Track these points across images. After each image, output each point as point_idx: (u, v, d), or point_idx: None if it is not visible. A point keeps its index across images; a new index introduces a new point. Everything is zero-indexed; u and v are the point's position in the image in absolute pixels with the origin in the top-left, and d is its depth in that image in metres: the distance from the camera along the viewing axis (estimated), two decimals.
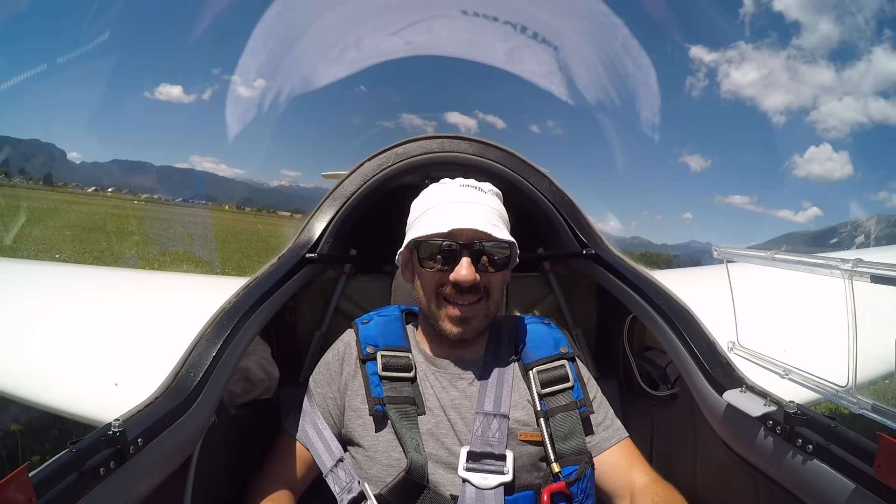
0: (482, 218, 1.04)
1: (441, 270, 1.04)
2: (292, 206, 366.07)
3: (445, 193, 1.11)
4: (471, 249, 1.03)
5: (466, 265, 1.02)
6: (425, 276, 1.07)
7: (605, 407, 1.14)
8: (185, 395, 0.85)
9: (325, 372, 1.15)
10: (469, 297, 1.05)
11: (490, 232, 1.01)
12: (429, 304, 1.08)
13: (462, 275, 1.01)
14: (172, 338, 1.07)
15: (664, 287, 1.21)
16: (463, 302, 1.05)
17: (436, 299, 1.07)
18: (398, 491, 0.97)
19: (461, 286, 1.02)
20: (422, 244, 1.05)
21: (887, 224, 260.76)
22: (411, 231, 1.09)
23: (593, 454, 1.06)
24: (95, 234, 15.95)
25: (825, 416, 0.80)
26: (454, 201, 1.08)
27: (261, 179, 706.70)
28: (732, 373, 0.99)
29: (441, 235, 1.02)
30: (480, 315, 1.07)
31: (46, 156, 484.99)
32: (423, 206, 1.10)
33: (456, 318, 1.05)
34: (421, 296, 1.10)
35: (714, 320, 1.13)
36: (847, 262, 0.89)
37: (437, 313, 1.07)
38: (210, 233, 23.92)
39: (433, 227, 1.03)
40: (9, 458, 2.44)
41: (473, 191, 1.11)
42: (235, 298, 1.08)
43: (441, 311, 1.06)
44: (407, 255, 1.13)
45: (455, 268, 1.02)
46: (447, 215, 1.04)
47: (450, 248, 1.03)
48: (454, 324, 1.05)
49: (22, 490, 0.52)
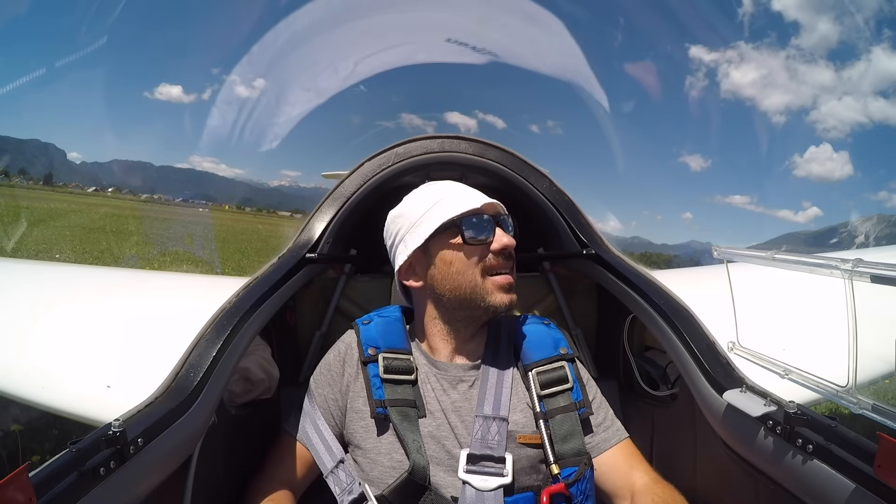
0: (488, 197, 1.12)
1: (485, 243, 1.07)
2: (292, 206, 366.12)
3: (446, 186, 1.16)
4: (499, 220, 1.10)
5: (503, 234, 1.08)
6: (470, 254, 1.07)
7: (604, 408, 1.14)
8: (185, 395, 0.85)
9: (327, 373, 1.15)
10: (510, 263, 1.10)
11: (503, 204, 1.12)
12: (473, 287, 1.07)
13: (506, 241, 1.07)
14: (172, 338, 1.07)
15: (664, 287, 1.21)
16: (507, 269, 1.09)
17: (481, 275, 1.07)
18: (400, 492, 0.97)
19: (506, 252, 1.08)
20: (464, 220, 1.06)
21: (887, 224, 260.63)
22: (425, 225, 1.08)
23: (593, 455, 1.06)
24: (95, 234, 15.96)
25: (825, 416, 0.80)
26: (460, 188, 1.14)
27: (261, 179, 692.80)
28: (732, 373, 0.99)
29: (475, 211, 1.07)
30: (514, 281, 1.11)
31: (46, 156, 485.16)
32: (430, 201, 1.10)
33: (507, 286, 1.08)
34: (460, 281, 1.07)
35: (714, 320, 1.13)
36: (847, 262, 0.89)
37: (485, 288, 1.07)
38: (210, 233, 23.93)
39: (464, 204, 1.07)
40: (9, 458, 2.44)
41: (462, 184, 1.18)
42: (235, 298, 1.08)
43: (488, 284, 1.07)
44: (419, 253, 1.10)
45: (496, 236, 1.07)
46: (466, 197, 1.09)
47: (490, 220, 1.08)
48: (505, 291, 1.08)
49: (22, 490, 0.52)
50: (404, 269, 1.12)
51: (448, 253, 1.07)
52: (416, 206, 1.12)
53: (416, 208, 1.12)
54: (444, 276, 1.08)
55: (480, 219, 1.07)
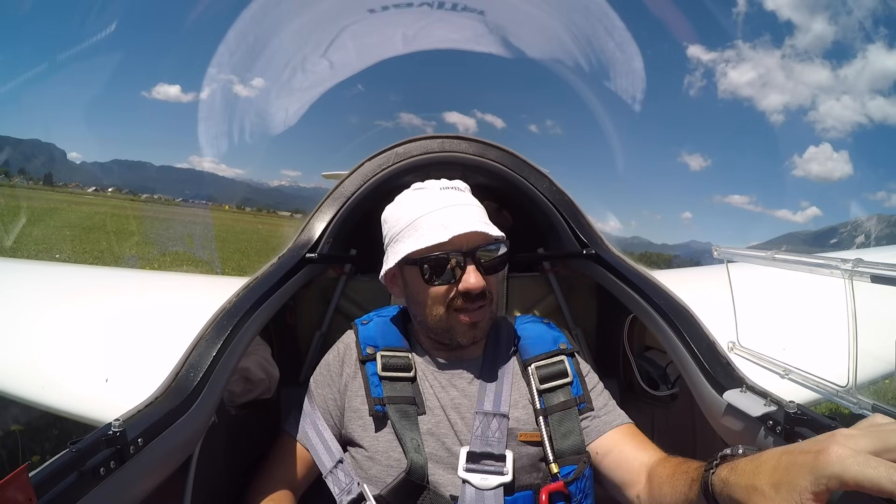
0: (475, 219, 1.02)
1: (450, 283, 1.01)
2: (292, 206, 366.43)
3: (429, 200, 1.06)
4: (474, 255, 1.01)
5: (474, 272, 1.00)
6: (433, 293, 1.03)
7: (605, 395, 1.12)
8: (185, 395, 0.85)
9: (326, 373, 1.15)
10: (479, 302, 1.03)
11: (488, 231, 1.00)
12: (438, 320, 1.05)
13: (472, 283, 0.99)
14: (173, 338, 1.07)
15: (664, 287, 1.21)
16: (474, 308, 1.03)
17: (447, 313, 1.04)
18: (398, 492, 0.97)
19: (472, 294, 1.01)
20: (424, 260, 1.01)
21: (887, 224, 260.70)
22: (399, 245, 1.05)
23: (594, 438, 1.03)
24: (95, 234, 15.95)
25: (825, 416, 0.80)
26: (443, 206, 1.04)
27: (261, 179, 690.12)
28: (732, 373, 0.99)
29: (440, 246, 0.99)
30: (487, 316, 1.06)
31: (46, 156, 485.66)
32: (408, 217, 1.05)
33: (469, 325, 1.04)
34: (425, 312, 1.06)
35: (714, 320, 1.13)
36: (847, 262, 0.89)
37: (450, 324, 1.05)
38: (210, 233, 23.93)
39: (429, 238, 0.99)
40: (9, 458, 2.44)
41: (454, 192, 1.08)
42: (235, 298, 1.08)
43: (453, 321, 1.04)
44: (395, 270, 1.09)
45: (463, 277, 1.00)
46: (441, 223, 1.00)
47: (456, 259, 1.00)
48: (468, 330, 1.04)
49: (22, 490, 0.52)
50: (388, 276, 1.12)
51: (416, 284, 1.06)
52: (397, 219, 1.08)
53: (396, 222, 1.07)
54: (414, 302, 1.09)
55: (446, 258, 1.00)
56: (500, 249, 1.05)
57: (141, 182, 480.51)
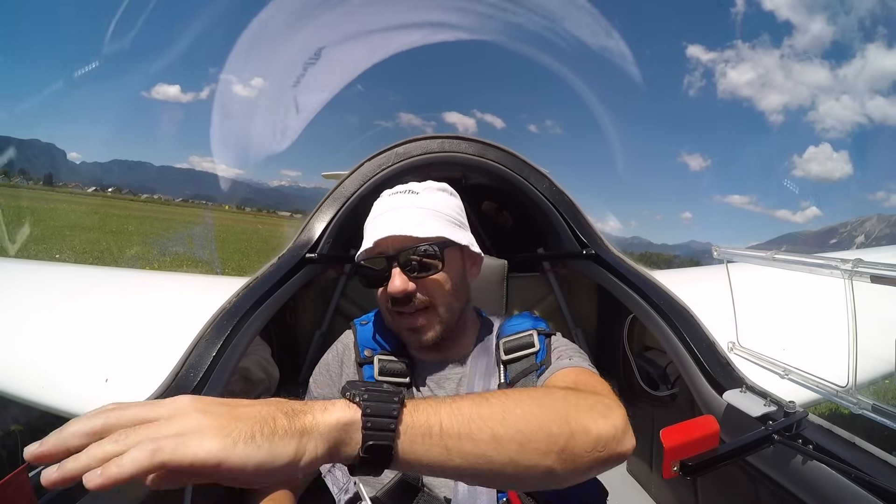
0: (405, 220, 1.00)
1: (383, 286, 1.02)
2: (292, 206, 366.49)
3: (375, 208, 1.09)
4: (398, 259, 0.98)
5: (397, 275, 0.98)
6: (378, 298, 1.06)
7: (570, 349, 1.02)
8: (185, 394, 0.85)
9: (325, 373, 1.15)
10: (407, 307, 1.00)
11: (411, 233, 0.97)
12: (390, 325, 1.08)
13: (394, 286, 0.97)
14: (173, 338, 1.07)
15: (664, 287, 1.21)
16: (409, 312, 1.01)
17: (392, 318, 1.05)
18: (393, 493, 0.97)
19: (395, 298, 0.99)
20: (361, 267, 1.04)
21: (887, 224, 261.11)
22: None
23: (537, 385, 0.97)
24: (95, 235, 15.96)
25: (825, 416, 0.80)
26: (381, 213, 1.05)
27: (261, 179, 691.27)
28: (732, 373, 0.99)
29: (368, 252, 1.00)
30: (433, 322, 1.03)
31: (46, 156, 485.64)
32: (367, 222, 1.09)
33: (409, 331, 1.03)
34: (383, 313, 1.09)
35: (714, 320, 1.13)
36: (847, 262, 0.89)
37: (398, 330, 1.07)
38: (210, 233, 23.94)
39: (364, 245, 1.02)
40: (9, 458, 2.44)
41: (403, 196, 1.06)
42: (235, 298, 1.08)
43: (399, 326, 1.06)
44: None
45: (389, 281, 0.99)
46: (374, 228, 1.02)
47: (380, 263, 1.00)
48: (410, 335, 1.04)
49: (22, 490, 0.52)
50: None
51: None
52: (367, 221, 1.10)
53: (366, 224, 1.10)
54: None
55: (374, 262, 1.01)
56: (431, 251, 0.99)
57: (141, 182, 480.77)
